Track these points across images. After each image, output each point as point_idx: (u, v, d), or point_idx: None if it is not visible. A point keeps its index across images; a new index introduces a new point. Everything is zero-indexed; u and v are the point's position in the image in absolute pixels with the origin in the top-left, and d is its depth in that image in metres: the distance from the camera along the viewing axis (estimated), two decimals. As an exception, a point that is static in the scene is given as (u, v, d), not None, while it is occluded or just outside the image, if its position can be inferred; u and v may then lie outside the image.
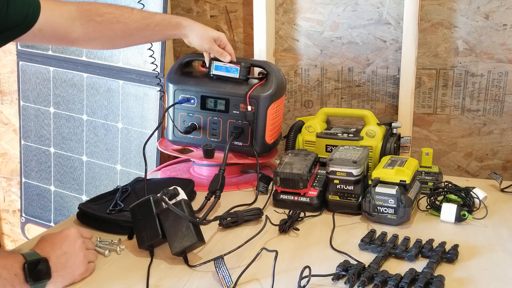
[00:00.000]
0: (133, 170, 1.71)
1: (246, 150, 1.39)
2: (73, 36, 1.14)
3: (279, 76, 1.39)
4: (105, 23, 1.17)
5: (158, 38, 1.36)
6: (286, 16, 1.66)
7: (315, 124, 1.44)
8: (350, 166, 1.19)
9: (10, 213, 2.33)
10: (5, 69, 2.12)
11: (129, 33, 1.22)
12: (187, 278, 0.95)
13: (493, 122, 1.53)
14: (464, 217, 1.15)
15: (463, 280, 0.93)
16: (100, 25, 1.16)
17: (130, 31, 1.21)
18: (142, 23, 1.22)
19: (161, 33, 1.28)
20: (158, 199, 1.03)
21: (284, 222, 1.14)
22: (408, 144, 1.43)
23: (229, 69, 1.39)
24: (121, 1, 1.64)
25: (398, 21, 1.54)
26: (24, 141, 1.94)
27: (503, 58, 1.47)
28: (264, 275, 0.94)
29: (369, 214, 1.16)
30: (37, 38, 1.09)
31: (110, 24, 1.17)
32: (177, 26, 1.29)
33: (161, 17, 1.28)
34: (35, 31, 1.05)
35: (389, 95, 1.61)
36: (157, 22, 1.25)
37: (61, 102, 1.83)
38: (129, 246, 1.07)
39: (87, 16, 1.15)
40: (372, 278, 0.91)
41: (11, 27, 1.02)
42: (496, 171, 1.50)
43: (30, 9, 1.04)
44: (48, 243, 0.93)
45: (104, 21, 1.17)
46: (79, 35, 1.14)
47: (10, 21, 1.01)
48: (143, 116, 1.67)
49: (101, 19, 1.16)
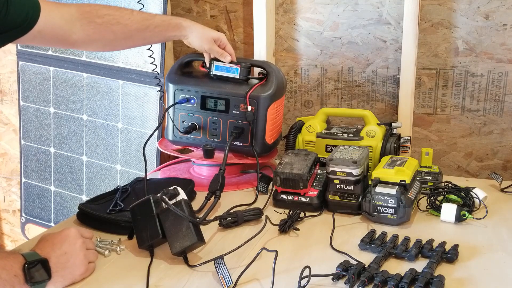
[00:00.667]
0: (133, 170, 1.71)
1: (246, 150, 1.39)
2: (74, 38, 1.14)
3: (279, 76, 1.39)
4: (105, 24, 1.17)
5: (158, 39, 1.36)
6: (286, 16, 1.66)
7: (315, 124, 1.44)
8: (350, 166, 1.19)
9: (10, 213, 2.33)
10: (5, 69, 2.12)
11: (129, 34, 1.22)
12: (187, 278, 0.95)
13: (493, 122, 1.53)
14: (464, 217, 1.15)
15: (463, 280, 0.93)
16: (101, 27, 1.16)
17: (130, 32, 1.21)
18: (142, 25, 1.22)
19: (161, 34, 1.28)
20: (158, 199, 1.03)
21: (284, 222, 1.14)
22: (408, 144, 1.43)
23: (229, 69, 1.39)
24: (120, 0, 1.64)
25: (398, 21, 1.54)
26: (24, 141, 1.94)
27: (503, 58, 1.47)
28: (264, 275, 0.94)
29: (369, 214, 1.16)
30: (37, 40, 1.08)
31: (110, 25, 1.17)
32: (177, 27, 1.29)
33: (161, 18, 1.28)
34: (34, 32, 1.05)
35: (389, 95, 1.61)
36: (157, 24, 1.25)
37: (61, 102, 1.83)
38: (129, 246, 1.07)
39: (87, 17, 1.15)
40: (372, 278, 0.91)
41: (11, 28, 1.02)
42: (496, 171, 1.50)
43: (29, 10, 1.04)
44: (48, 243, 0.93)
45: (104, 23, 1.17)
46: (80, 36, 1.14)
47: (9, 22, 1.01)
48: (143, 116, 1.67)
49: (101, 20, 1.16)
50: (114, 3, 1.64)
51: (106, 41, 1.21)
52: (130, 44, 1.30)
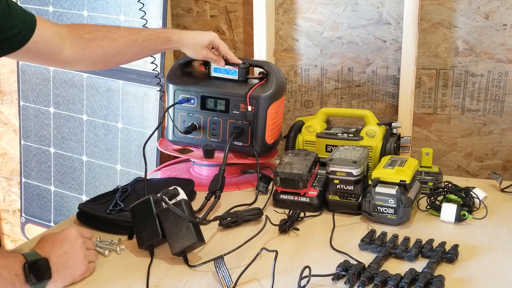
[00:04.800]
0: (133, 170, 1.71)
1: (246, 150, 1.39)
2: (65, 54, 1.15)
3: (279, 76, 1.39)
4: (93, 40, 1.18)
5: (149, 53, 1.35)
6: (286, 16, 1.66)
7: (315, 124, 1.44)
8: (350, 166, 1.19)
9: (10, 213, 2.33)
10: (5, 69, 2.12)
11: (118, 49, 1.22)
12: (187, 278, 0.95)
13: (493, 122, 1.53)
14: (464, 217, 1.15)
15: (463, 280, 0.93)
16: (89, 42, 1.18)
17: (119, 47, 1.21)
18: (129, 39, 1.22)
19: (151, 48, 1.28)
20: (158, 199, 1.03)
21: (284, 222, 1.14)
22: (408, 144, 1.43)
23: (228, 71, 1.39)
24: (120, 0, 1.64)
25: (398, 21, 1.54)
26: (24, 141, 1.94)
27: (503, 58, 1.48)
28: (264, 275, 0.94)
29: (369, 214, 1.16)
30: (31, 52, 1.09)
31: (98, 41, 1.18)
32: (167, 41, 1.28)
33: (148, 32, 1.27)
34: (30, 44, 1.06)
35: (389, 95, 1.61)
36: (145, 38, 1.24)
37: (61, 102, 1.83)
38: (129, 246, 1.07)
39: (76, 34, 1.17)
40: (372, 278, 0.91)
41: (10, 38, 1.03)
42: (496, 171, 1.50)
43: (26, 21, 1.06)
44: (49, 243, 0.93)
45: (92, 39, 1.18)
46: (70, 53, 1.15)
47: (9, 31, 1.02)
48: (143, 116, 1.67)
49: (89, 36, 1.18)
50: (115, 3, 1.64)
51: (96, 57, 1.21)
52: (120, 59, 1.29)
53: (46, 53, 1.12)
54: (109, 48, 1.20)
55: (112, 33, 1.21)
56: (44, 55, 1.13)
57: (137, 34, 1.24)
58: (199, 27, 1.78)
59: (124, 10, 1.63)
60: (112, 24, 1.65)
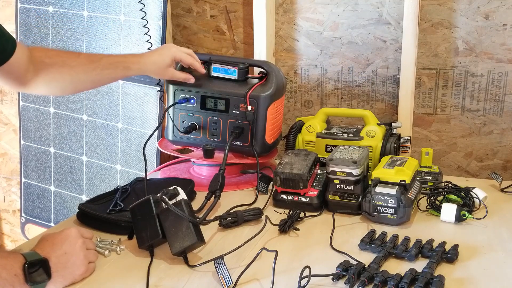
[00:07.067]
0: (133, 170, 1.71)
1: (246, 150, 1.39)
2: (28, 77, 1.14)
3: (279, 76, 1.39)
4: (53, 65, 1.17)
5: (109, 81, 1.32)
6: (286, 16, 1.66)
7: (315, 124, 1.44)
8: (350, 166, 1.19)
9: (10, 213, 2.33)
10: (5, 69, 2.12)
11: (77, 77, 1.20)
12: (187, 278, 0.95)
13: (493, 122, 1.53)
14: (464, 217, 1.15)
15: (463, 280, 0.93)
16: (50, 67, 1.17)
17: (78, 75, 1.20)
18: (88, 67, 1.20)
19: (110, 77, 1.26)
20: (158, 199, 1.03)
21: (284, 222, 1.14)
22: (408, 144, 1.43)
23: (228, 71, 1.39)
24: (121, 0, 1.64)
25: (398, 21, 1.54)
26: (24, 141, 1.94)
27: (503, 58, 1.48)
28: (264, 275, 0.94)
29: (369, 214, 1.16)
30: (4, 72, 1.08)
31: (58, 67, 1.17)
32: (127, 69, 1.26)
33: (108, 61, 1.24)
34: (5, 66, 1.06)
35: (389, 95, 1.61)
36: (103, 66, 1.22)
37: (61, 102, 1.82)
38: (129, 246, 1.07)
39: (38, 57, 1.16)
40: (372, 278, 0.91)
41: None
42: (496, 171, 1.50)
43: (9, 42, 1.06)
44: (49, 243, 0.93)
45: (52, 64, 1.17)
46: (32, 76, 1.14)
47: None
48: (143, 116, 1.67)
49: (50, 61, 1.17)
50: (115, 3, 1.64)
51: (56, 83, 1.20)
52: (79, 87, 1.27)
53: (15, 74, 1.11)
54: (67, 75, 1.19)
55: (71, 60, 1.19)
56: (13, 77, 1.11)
57: (96, 63, 1.21)
58: (199, 27, 1.78)
59: (124, 10, 1.63)
60: (112, 24, 1.65)
